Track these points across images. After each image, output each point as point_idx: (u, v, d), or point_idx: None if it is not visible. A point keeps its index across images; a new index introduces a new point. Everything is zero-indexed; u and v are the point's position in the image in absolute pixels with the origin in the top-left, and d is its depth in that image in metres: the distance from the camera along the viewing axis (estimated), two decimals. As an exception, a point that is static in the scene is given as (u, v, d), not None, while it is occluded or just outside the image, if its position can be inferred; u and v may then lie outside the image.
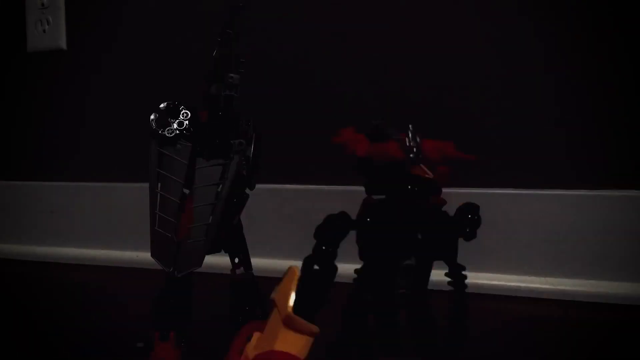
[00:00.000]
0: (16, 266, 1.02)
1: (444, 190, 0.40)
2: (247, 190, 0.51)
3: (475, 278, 0.76)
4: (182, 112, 0.46)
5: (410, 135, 0.40)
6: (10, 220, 1.11)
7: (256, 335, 0.36)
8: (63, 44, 1.07)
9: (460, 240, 0.40)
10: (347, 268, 0.38)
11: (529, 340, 0.61)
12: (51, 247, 1.06)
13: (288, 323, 0.34)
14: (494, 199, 0.79)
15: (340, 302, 0.40)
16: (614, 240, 0.75)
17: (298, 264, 0.37)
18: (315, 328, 0.34)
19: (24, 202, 1.10)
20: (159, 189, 0.46)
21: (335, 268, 0.37)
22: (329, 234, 0.37)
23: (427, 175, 0.39)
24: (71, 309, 0.74)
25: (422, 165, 0.40)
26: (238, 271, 0.53)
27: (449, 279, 0.41)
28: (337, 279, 0.37)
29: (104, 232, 1.03)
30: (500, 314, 0.70)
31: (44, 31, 1.07)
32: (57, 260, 1.03)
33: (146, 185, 0.46)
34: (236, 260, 0.53)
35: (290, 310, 0.34)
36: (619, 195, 0.75)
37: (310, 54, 0.91)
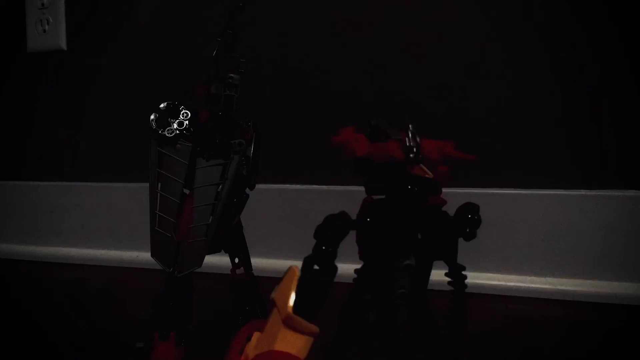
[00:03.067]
0: (16, 266, 1.03)
1: (444, 190, 0.40)
2: (247, 190, 0.51)
3: (476, 278, 0.76)
4: (182, 112, 0.46)
5: (410, 135, 0.40)
6: (10, 220, 1.11)
7: (256, 335, 0.36)
8: (63, 44, 1.07)
9: (460, 240, 0.40)
10: (347, 268, 0.38)
11: (529, 340, 0.61)
12: (51, 247, 1.06)
13: (288, 323, 0.34)
14: (494, 199, 0.79)
15: (340, 302, 0.40)
16: (614, 240, 0.75)
17: (298, 263, 0.37)
18: (315, 328, 0.34)
19: (24, 202, 1.10)
20: (159, 189, 0.46)
21: (335, 268, 0.37)
22: (329, 234, 0.37)
23: (427, 175, 0.40)
24: (71, 309, 0.74)
25: (422, 165, 0.40)
26: (238, 271, 0.53)
27: (449, 279, 0.41)
28: (337, 279, 0.37)
29: (104, 232, 1.03)
30: (501, 314, 0.70)
31: (44, 31, 1.07)
32: (57, 260, 1.03)
33: (146, 185, 0.46)
34: (236, 260, 0.53)
35: (290, 310, 0.34)
36: (618, 195, 0.75)
37: (310, 54, 0.91)
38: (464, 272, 0.41)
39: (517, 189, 0.79)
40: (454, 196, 0.39)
